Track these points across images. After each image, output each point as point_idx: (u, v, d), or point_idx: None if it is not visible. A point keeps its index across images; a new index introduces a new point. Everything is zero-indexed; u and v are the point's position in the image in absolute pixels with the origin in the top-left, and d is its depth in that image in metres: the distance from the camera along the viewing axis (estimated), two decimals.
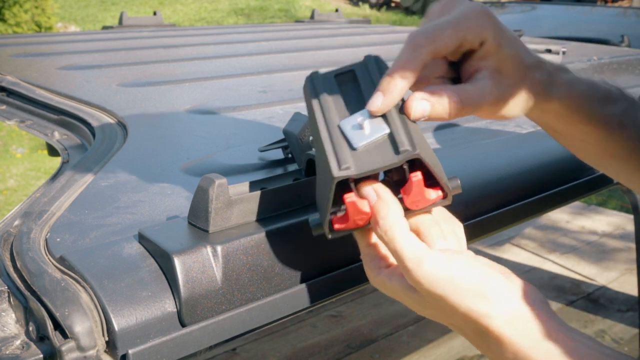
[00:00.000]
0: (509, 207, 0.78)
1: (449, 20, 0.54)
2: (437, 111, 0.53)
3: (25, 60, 1.48)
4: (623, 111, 0.63)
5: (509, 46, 0.56)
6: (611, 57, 1.81)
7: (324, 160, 0.50)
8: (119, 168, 0.74)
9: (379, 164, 0.49)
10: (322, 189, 0.51)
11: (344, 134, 0.51)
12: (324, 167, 0.51)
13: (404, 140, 0.50)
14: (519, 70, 0.56)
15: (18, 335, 0.49)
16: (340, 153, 0.50)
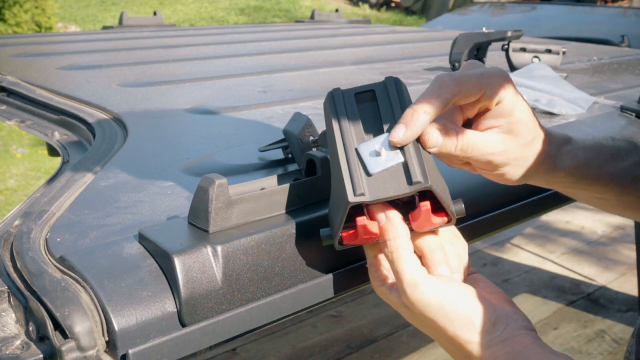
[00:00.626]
0: (509, 207, 0.78)
1: (474, 72, 0.58)
2: (446, 145, 0.56)
3: (25, 60, 1.48)
4: (635, 164, 0.66)
5: (522, 111, 0.59)
6: (611, 57, 1.81)
7: (340, 182, 0.53)
8: (119, 168, 0.74)
9: (391, 193, 0.53)
10: (336, 206, 0.54)
11: (361, 158, 0.54)
12: (339, 188, 0.54)
13: (417, 172, 0.53)
14: (526, 137, 0.59)
15: (18, 335, 0.49)
16: (355, 178, 0.53)
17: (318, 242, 0.56)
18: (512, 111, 0.58)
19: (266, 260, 0.55)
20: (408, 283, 0.53)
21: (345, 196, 0.52)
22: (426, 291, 0.53)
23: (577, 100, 1.13)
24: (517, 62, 1.38)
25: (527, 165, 0.61)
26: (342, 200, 0.52)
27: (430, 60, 1.65)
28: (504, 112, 0.58)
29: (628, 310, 2.69)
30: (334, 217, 0.54)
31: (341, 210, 0.53)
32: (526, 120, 0.59)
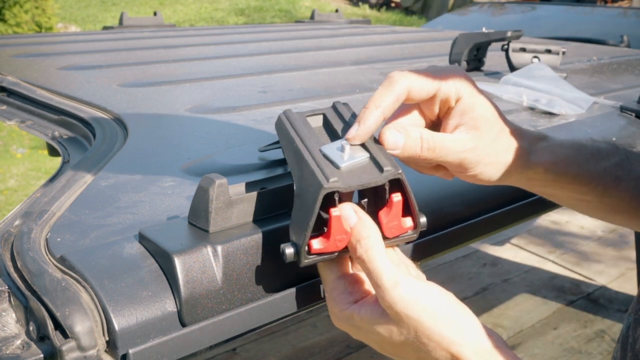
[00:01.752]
0: (509, 208, 0.78)
1: (428, 67, 0.58)
2: (410, 144, 0.55)
3: (25, 60, 1.48)
4: (616, 165, 0.64)
5: (483, 107, 0.58)
6: (611, 57, 1.81)
7: (309, 176, 0.51)
8: (120, 168, 0.74)
9: (364, 181, 0.51)
10: (302, 209, 0.51)
11: (327, 156, 0.53)
12: (306, 184, 0.51)
13: (386, 162, 0.52)
14: (492, 131, 0.58)
15: (18, 335, 0.49)
16: (325, 170, 0.51)
17: None
18: (473, 107, 0.57)
19: (266, 260, 0.55)
20: (388, 280, 0.49)
21: (317, 185, 0.49)
22: (409, 287, 0.49)
23: (577, 100, 1.13)
24: (517, 62, 1.38)
25: (500, 162, 0.59)
26: (313, 191, 0.50)
27: (430, 60, 1.65)
28: (465, 109, 0.57)
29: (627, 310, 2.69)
30: (301, 221, 0.51)
31: (312, 205, 0.50)
32: (489, 116, 0.58)
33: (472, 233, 0.74)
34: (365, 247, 0.50)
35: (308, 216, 0.50)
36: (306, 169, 0.52)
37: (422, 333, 0.50)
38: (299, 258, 0.51)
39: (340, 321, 0.54)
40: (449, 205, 0.72)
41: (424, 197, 0.71)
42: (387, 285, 0.49)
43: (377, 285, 0.50)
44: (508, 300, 2.76)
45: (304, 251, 0.51)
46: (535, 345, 2.45)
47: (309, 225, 0.50)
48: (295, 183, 0.53)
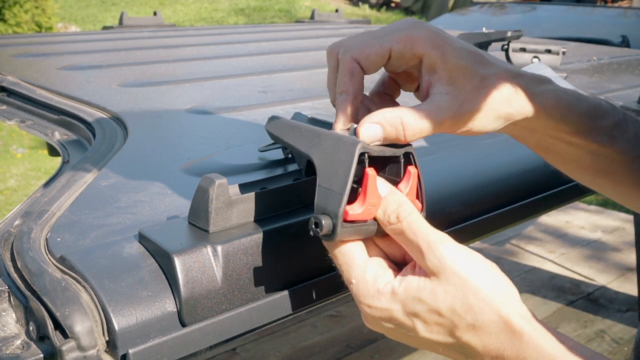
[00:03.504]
0: (509, 207, 0.78)
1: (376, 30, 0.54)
2: (390, 133, 0.51)
3: (25, 60, 1.48)
4: (614, 124, 0.61)
5: (455, 57, 0.53)
6: (611, 57, 1.81)
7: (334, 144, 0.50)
8: (119, 168, 0.74)
9: (387, 152, 0.51)
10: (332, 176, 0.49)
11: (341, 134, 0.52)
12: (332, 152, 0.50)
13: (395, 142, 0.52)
14: (474, 80, 0.53)
15: (18, 335, 0.49)
16: (349, 138, 0.50)
17: (318, 242, 0.55)
18: (443, 58, 0.53)
19: (266, 260, 0.55)
20: (435, 238, 0.48)
21: (350, 145, 0.48)
22: (455, 246, 0.48)
23: None
24: (517, 63, 1.38)
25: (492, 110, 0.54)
26: (346, 152, 0.48)
27: None
28: (435, 63, 0.53)
29: (628, 310, 2.69)
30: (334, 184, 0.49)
31: (347, 166, 0.48)
32: (463, 64, 0.53)
33: (473, 233, 0.74)
34: (405, 211, 0.49)
35: (344, 178, 0.48)
36: (328, 141, 0.50)
37: (470, 292, 0.47)
38: (335, 229, 0.48)
39: (379, 303, 0.50)
40: (449, 205, 0.72)
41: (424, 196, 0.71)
42: (435, 242, 0.48)
43: (425, 242, 0.48)
44: None
45: (340, 219, 0.48)
46: None
47: (346, 186, 0.48)
48: (316, 159, 0.51)
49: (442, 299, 0.48)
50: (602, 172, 0.64)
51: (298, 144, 0.53)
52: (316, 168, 0.51)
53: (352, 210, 0.49)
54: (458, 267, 0.47)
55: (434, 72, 0.54)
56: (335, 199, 0.48)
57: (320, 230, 0.48)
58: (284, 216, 0.58)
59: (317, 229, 0.49)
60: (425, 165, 0.81)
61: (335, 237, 0.49)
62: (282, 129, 0.56)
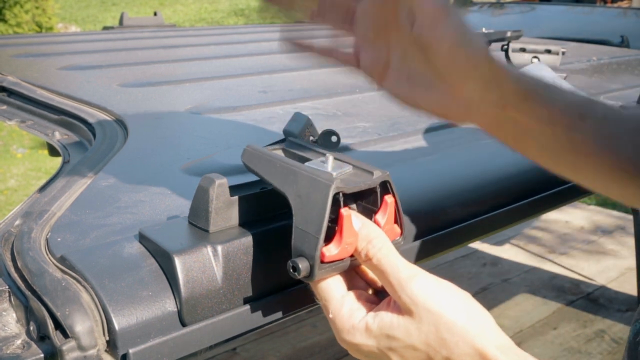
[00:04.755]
0: (508, 207, 0.78)
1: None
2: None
3: (26, 60, 1.48)
4: (580, 103, 0.60)
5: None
6: (610, 57, 1.82)
7: (308, 184, 0.50)
8: (120, 168, 0.74)
9: (360, 183, 0.51)
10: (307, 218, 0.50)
11: (315, 169, 0.52)
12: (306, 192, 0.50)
13: (372, 168, 0.52)
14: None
15: (19, 334, 0.49)
16: (323, 175, 0.50)
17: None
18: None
19: (267, 260, 0.55)
20: (406, 273, 0.47)
21: (323, 186, 0.48)
22: (426, 280, 0.47)
23: None
24: (516, 63, 1.38)
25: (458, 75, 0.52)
26: (319, 193, 0.49)
27: None
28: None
29: (627, 310, 2.69)
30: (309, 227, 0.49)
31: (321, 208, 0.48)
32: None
33: (472, 233, 0.74)
34: (377, 246, 0.49)
35: (319, 221, 0.48)
36: (302, 180, 0.51)
37: (444, 327, 0.47)
38: (312, 271, 0.49)
39: (354, 339, 0.50)
40: (449, 205, 0.72)
41: (424, 196, 0.71)
42: (405, 278, 0.48)
43: (395, 280, 0.48)
44: (508, 300, 2.76)
45: (317, 261, 0.49)
46: (535, 345, 2.45)
47: (321, 229, 0.48)
48: (291, 197, 0.51)
49: (416, 336, 0.48)
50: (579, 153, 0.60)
51: (273, 180, 0.53)
52: (292, 207, 0.51)
53: (328, 252, 0.49)
54: (430, 304, 0.47)
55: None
56: (312, 242, 0.49)
57: (298, 274, 0.49)
58: (284, 216, 0.59)
59: (295, 272, 0.49)
60: (425, 165, 0.81)
61: (313, 279, 0.50)
62: (256, 161, 0.55)
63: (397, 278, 0.48)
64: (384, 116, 1.04)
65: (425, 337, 0.47)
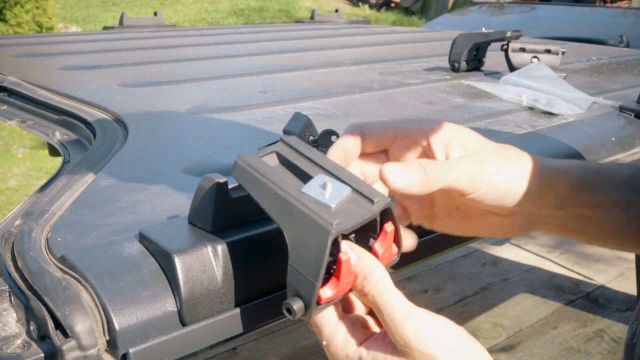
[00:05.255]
0: None
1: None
2: (413, 179, 0.50)
3: (26, 60, 1.48)
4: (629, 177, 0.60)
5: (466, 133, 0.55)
6: (610, 57, 1.82)
7: (305, 224, 0.47)
8: (120, 168, 0.74)
9: (361, 218, 0.48)
10: (303, 260, 0.47)
11: (313, 198, 0.49)
12: (304, 233, 0.47)
13: (371, 192, 0.49)
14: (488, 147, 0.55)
15: (19, 334, 0.50)
16: (322, 214, 0.47)
17: None
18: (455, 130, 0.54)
19: (267, 260, 0.55)
20: (400, 313, 0.47)
21: (322, 231, 0.45)
22: (422, 320, 0.47)
23: (576, 100, 1.13)
24: (516, 63, 1.38)
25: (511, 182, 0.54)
26: (318, 238, 0.46)
27: (430, 60, 1.65)
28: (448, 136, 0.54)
29: (627, 309, 2.69)
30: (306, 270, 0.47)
31: (320, 253, 0.45)
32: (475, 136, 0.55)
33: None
34: (372, 282, 0.48)
35: (316, 266, 0.46)
36: (299, 217, 0.47)
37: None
38: (309, 311, 0.47)
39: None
40: None
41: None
42: (399, 318, 0.47)
43: (390, 321, 0.47)
44: (508, 300, 2.76)
45: (314, 304, 0.47)
46: (534, 344, 2.45)
47: (319, 275, 0.46)
48: (287, 232, 0.48)
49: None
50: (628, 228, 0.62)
51: (267, 207, 0.50)
52: (287, 243, 0.48)
53: (324, 294, 0.47)
54: (423, 346, 0.46)
55: (448, 145, 0.54)
56: (308, 286, 0.47)
57: (293, 317, 0.47)
58: None
59: (290, 315, 0.48)
60: None
61: (310, 319, 0.49)
62: (249, 182, 0.51)
63: (391, 319, 0.47)
64: (383, 116, 1.05)
65: None
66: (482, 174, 0.53)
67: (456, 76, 1.41)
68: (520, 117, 1.06)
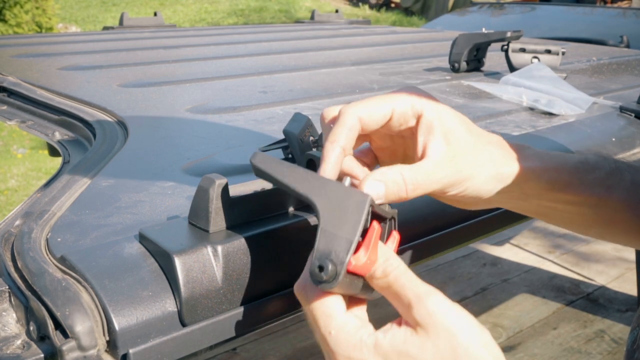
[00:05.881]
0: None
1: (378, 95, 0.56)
2: (393, 190, 0.52)
3: (26, 60, 1.48)
4: (607, 174, 0.62)
5: (450, 120, 0.55)
6: (610, 57, 1.82)
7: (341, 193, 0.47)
8: (120, 168, 0.74)
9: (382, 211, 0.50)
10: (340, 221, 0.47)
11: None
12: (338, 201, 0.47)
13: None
14: (467, 144, 0.55)
15: (19, 334, 0.49)
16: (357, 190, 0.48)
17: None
18: (438, 120, 0.54)
19: (267, 260, 0.55)
20: (425, 290, 0.46)
21: (360, 196, 0.46)
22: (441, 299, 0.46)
23: (577, 100, 1.13)
24: (516, 63, 1.38)
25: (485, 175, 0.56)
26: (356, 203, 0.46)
27: (430, 60, 1.65)
28: (430, 123, 0.54)
29: (627, 310, 2.69)
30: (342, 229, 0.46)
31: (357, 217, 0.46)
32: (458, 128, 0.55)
33: (472, 233, 0.74)
34: (392, 265, 0.48)
35: (354, 225, 0.46)
36: (333, 188, 0.48)
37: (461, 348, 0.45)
38: (337, 277, 0.45)
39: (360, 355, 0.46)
40: (448, 205, 0.72)
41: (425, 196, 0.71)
42: (424, 294, 0.46)
43: (414, 294, 0.46)
44: (508, 300, 2.76)
45: (345, 267, 0.45)
46: (535, 345, 2.45)
47: (357, 233, 0.46)
48: (317, 201, 0.48)
49: (431, 354, 0.45)
50: (608, 223, 0.65)
51: (296, 185, 0.50)
52: (318, 211, 0.48)
53: (355, 261, 0.47)
54: (449, 322, 0.45)
55: (430, 132, 0.55)
56: (343, 245, 0.46)
57: (325, 274, 0.45)
58: (284, 216, 0.59)
59: (322, 273, 0.45)
60: None
61: (334, 285, 0.46)
62: (273, 166, 0.51)
63: (415, 293, 0.46)
64: None
65: (440, 356, 0.45)
66: (457, 181, 0.55)
67: (456, 76, 1.41)
68: (520, 118, 1.06)
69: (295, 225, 0.58)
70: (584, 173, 0.61)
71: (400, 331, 0.46)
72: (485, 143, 0.57)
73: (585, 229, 0.67)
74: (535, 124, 1.01)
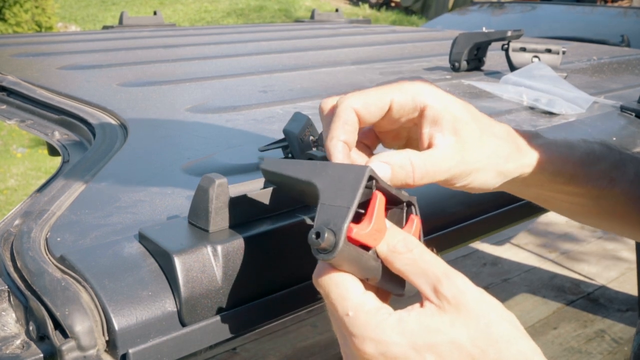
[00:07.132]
0: (508, 207, 0.78)
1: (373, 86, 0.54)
2: (399, 175, 0.51)
3: (25, 60, 1.48)
4: (611, 166, 0.62)
5: (456, 109, 0.54)
6: (611, 57, 1.81)
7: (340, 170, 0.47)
8: (120, 168, 0.74)
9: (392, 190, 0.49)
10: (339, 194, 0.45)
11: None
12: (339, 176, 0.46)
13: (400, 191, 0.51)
14: (474, 135, 0.54)
15: (18, 334, 0.49)
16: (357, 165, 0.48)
17: None
18: (444, 110, 0.53)
19: (266, 260, 0.55)
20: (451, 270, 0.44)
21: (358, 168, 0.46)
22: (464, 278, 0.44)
23: (577, 100, 1.13)
24: (517, 62, 1.38)
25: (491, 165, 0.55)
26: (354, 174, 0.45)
27: (430, 60, 1.65)
28: (436, 114, 0.53)
29: (628, 309, 2.69)
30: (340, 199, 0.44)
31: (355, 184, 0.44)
32: (465, 118, 0.54)
33: (472, 233, 0.74)
34: (413, 243, 0.46)
35: (351, 193, 0.44)
36: (334, 167, 0.47)
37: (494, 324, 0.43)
38: (337, 245, 0.43)
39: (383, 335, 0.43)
40: (449, 205, 0.72)
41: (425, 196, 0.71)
42: (452, 274, 0.44)
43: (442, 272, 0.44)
44: (508, 300, 2.76)
45: (344, 234, 0.43)
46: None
47: (354, 200, 0.44)
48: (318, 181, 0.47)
49: (463, 330, 0.43)
50: (608, 214, 0.65)
51: (298, 174, 0.49)
52: (319, 190, 0.46)
53: (357, 228, 0.45)
54: (480, 300, 0.44)
55: (437, 123, 0.53)
56: (340, 212, 0.44)
57: (321, 240, 0.43)
58: (284, 216, 0.58)
59: (319, 239, 0.43)
60: None
61: (335, 254, 0.43)
62: (280, 165, 0.51)
63: (443, 269, 0.44)
64: None
65: (474, 332, 0.43)
66: (465, 173, 0.54)
67: (456, 76, 1.41)
68: (520, 117, 1.06)
69: (295, 225, 0.58)
70: (588, 165, 0.61)
71: (426, 309, 0.44)
72: (491, 135, 0.56)
73: (585, 218, 0.67)
74: (535, 123, 1.01)
